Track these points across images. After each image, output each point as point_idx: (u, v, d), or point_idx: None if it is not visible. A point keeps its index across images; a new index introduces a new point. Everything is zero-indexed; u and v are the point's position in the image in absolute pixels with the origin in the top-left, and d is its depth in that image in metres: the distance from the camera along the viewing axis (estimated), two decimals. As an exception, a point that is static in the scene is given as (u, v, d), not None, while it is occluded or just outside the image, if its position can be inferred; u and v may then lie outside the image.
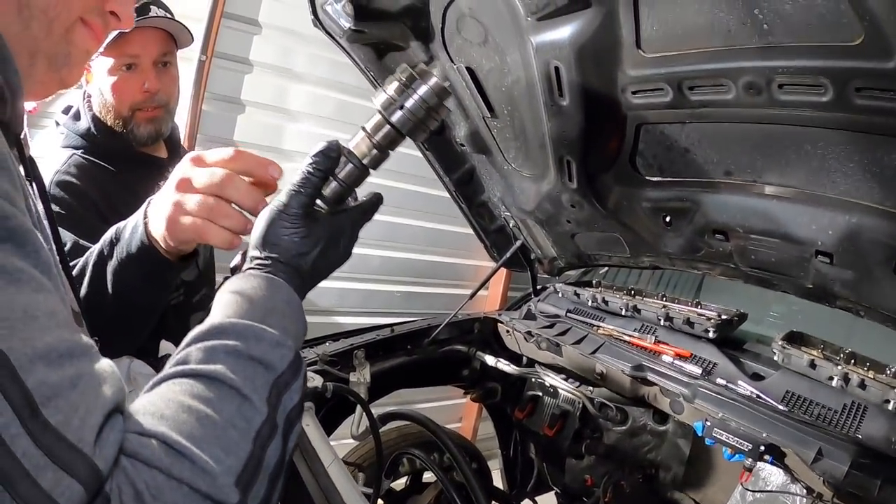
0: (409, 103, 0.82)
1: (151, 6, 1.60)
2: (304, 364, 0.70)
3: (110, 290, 1.00)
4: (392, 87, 0.83)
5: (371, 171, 0.86)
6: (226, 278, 0.80)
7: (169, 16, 1.66)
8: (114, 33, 0.76)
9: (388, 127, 0.83)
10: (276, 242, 0.78)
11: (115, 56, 1.59)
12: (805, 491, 1.58)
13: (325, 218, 0.82)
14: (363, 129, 0.85)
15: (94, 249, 1.04)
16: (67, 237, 1.38)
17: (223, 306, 0.71)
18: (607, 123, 1.44)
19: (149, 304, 1.05)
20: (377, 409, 1.55)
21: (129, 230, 0.96)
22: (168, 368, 0.63)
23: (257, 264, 0.78)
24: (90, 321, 0.89)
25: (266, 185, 0.87)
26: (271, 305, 0.72)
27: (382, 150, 0.84)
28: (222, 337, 0.65)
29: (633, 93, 1.32)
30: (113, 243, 0.99)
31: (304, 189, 0.80)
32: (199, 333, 0.66)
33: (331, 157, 0.81)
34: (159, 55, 1.65)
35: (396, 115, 0.82)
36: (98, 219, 1.51)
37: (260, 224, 0.80)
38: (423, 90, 0.82)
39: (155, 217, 0.91)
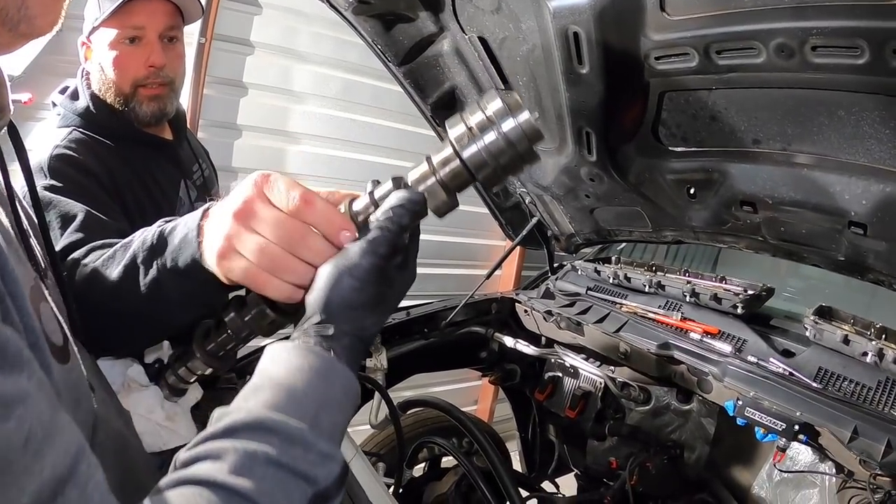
0: (488, 138, 0.67)
1: None
2: (348, 472, 0.62)
3: (143, 300, 0.81)
4: (474, 118, 0.68)
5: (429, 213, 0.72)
6: None
7: None
8: (117, 2, 0.64)
9: (457, 163, 0.69)
10: (340, 311, 0.66)
11: (119, 27, 1.49)
12: (834, 469, 1.54)
13: (398, 278, 0.70)
14: (427, 159, 0.71)
15: (127, 248, 0.85)
16: (78, 208, 1.29)
17: (270, 389, 0.60)
18: (629, 92, 1.38)
19: (185, 324, 0.87)
20: (394, 395, 1.50)
21: (177, 238, 0.78)
22: (194, 463, 0.54)
23: (317, 332, 0.65)
24: (105, 326, 0.81)
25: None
26: (327, 397, 0.62)
27: (446, 188, 0.70)
28: (266, 439, 0.55)
29: (657, 58, 1.26)
30: (154, 250, 0.79)
31: (381, 249, 0.67)
32: (238, 424, 0.56)
33: (416, 210, 0.69)
34: (166, 28, 1.54)
35: (470, 151, 0.68)
36: (102, 191, 1.43)
37: (322, 283, 0.66)
38: (509, 126, 0.66)
39: (210, 239, 0.73)
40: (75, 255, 0.92)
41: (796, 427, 1.36)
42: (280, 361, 0.63)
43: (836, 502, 1.62)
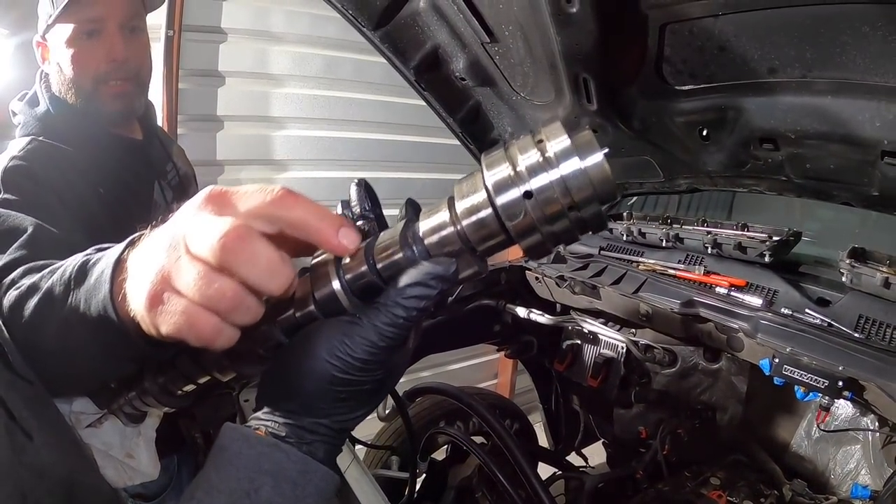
0: (539, 181, 0.47)
1: None
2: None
3: (53, 342, 0.64)
4: (525, 158, 0.48)
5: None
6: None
7: None
8: None
9: (488, 212, 0.49)
10: (321, 404, 0.52)
11: (75, 21, 1.36)
12: (877, 424, 1.43)
13: (398, 359, 0.56)
14: (449, 201, 0.52)
15: (52, 275, 0.66)
16: (28, 222, 1.17)
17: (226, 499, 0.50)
18: (626, 28, 1.25)
19: (104, 374, 0.69)
20: (410, 376, 1.40)
21: (95, 273, 0.60)
22: None
23: (288, 423, 0.52)
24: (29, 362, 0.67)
25: (324, 248, 0.53)
26: None
27: (467, 244, 0.51)
28: None
29: (653, -16, 1.12)
30: (69, 284, 0.62)
31: (391, 341, 0.51)
32: None
33: (445, 290, 0.52)
34: (126, 18, 1.41)
35: (511, 206, 0.48)
36: (60, 204, 1.30)
37: (303, 364, 0.52)
38: (568, 167, 0.46)
39: (136, 282, 0.53)
40: (14, 274, 0.79)
41: (840, 383, 1.24)
42: (238, 460, 0.51)
43: (881, 458, 1.51)
